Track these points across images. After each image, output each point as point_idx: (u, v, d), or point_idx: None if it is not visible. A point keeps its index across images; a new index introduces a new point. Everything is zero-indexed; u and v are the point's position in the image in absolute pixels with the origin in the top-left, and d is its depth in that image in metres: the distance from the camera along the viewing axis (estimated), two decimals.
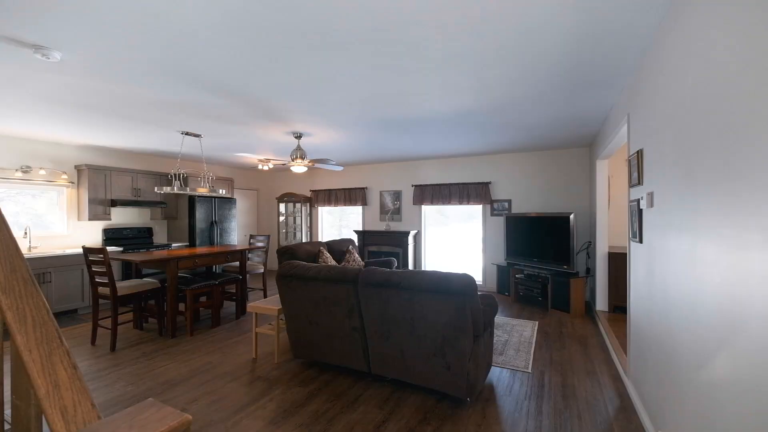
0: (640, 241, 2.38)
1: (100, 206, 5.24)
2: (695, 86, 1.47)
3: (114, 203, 5.33)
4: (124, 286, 3.69)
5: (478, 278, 6.31)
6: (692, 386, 1.52)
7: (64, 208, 5.12)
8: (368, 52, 2.27)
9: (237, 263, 5.13)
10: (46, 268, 4.44)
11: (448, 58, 2.35)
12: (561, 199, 5.66)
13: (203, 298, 5.09)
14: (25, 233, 4.57)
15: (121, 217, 5.77)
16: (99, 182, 5.23)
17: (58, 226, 5.10)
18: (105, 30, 1.99)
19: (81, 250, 4.68)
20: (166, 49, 2.23)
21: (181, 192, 4.34)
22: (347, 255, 4.72)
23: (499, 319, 4.49)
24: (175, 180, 4.44)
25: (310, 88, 2.91)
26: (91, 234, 5.41)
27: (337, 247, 4.73)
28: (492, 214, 6.15)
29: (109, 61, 2.39)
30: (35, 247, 4.75)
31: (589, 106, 3.42)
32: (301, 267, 2.95)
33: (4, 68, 2.48)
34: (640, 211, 2.37)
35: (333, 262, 4.38)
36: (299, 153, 4.37)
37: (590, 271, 5.09)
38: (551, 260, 4.98)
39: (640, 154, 2.35)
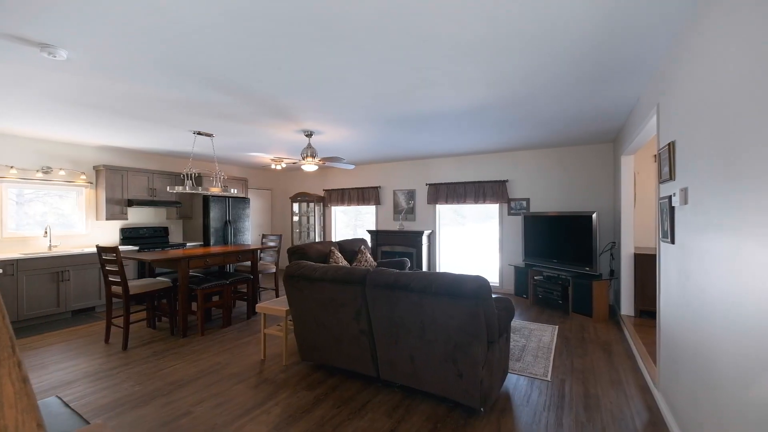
0: (672, 242, 2.18)
1: (117, 206, 5.33)
2: (739, 66, 1.29)
3: (131, 203, 5.41)
4: (136, 285, 3.71)
5: (495, 280, 6.11)
6: (735, 404, 1.35)
7: (83, 208, 5.23)
8: (377, 44, 2.16)
9: (249, 263, 5.11)
10: (65, 267, 4.54)
11: (460, 48, 2.21)
12: (583, 197, 5.40)
13: (215, 298, 5.10)
14: (46, 232, 4.67)
15: (138, 216, 5.86)
16: (116, 182, 5.31)
17: (78, 225, 5.21)
18: (109, 27, 1.95)
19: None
20: (171, 47, 2.18)
21: (194, 191, 4.35)
22: (359, 255, 4.63)
23: (516, 322, 4.30)
24: (188, 180, 4.45)
25: (318, 85, 2.82)
26: (109, 233, 5.51)
27: (349, 247, 4.64)
28: (509, 214, 5.94)
29: (115, 59, 2.37)
30: (55, 246, 4.86)
31: (613, 97, 3.20)
32: (307, 267, 2.87)
33: (11, 67, 2.48)
34: (672, 209, 2.18)
35: (344, 263, 4.29)
36: (310, 151, 4.30)
37: (614, 273, 4.82)
38: (572, 261, 4.74)
39: (671, 146, 2.15)
